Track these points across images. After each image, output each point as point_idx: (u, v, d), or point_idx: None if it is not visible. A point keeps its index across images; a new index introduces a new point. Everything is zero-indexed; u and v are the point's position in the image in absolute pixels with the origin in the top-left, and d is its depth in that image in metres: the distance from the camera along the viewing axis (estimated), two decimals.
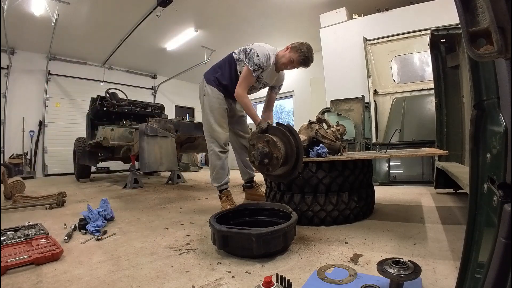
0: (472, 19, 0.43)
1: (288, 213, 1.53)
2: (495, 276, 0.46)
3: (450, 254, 1.25)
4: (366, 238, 1.52)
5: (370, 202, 2.07)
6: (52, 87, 7.24)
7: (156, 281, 1.10)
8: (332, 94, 4.93)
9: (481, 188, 0.59)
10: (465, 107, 2.57)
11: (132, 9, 5.26)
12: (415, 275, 0.83)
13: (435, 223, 1.77)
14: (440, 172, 2.56)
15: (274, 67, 2.21)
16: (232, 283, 1.05)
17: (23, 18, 5.26)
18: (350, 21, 5.05)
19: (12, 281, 1.10)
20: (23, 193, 3.09)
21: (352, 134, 4.23)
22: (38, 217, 2.27)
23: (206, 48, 7.07)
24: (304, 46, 2.09)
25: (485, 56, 0.42)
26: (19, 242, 1.50)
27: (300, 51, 2.07)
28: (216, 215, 1.53)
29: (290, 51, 2.11)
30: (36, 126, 6.98)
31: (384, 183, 3.70)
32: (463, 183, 1.49)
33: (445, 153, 1.82)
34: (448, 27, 2.45)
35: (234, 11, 5.63)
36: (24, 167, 6.54)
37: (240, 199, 2.87)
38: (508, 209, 0.45)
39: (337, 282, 1.00)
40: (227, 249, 1.35)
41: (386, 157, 2.29)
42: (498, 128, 0.52)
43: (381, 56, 4.49)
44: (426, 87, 3.92)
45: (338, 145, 2.05)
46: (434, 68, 2.78)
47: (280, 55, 2.17)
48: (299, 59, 2.08)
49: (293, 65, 2.13)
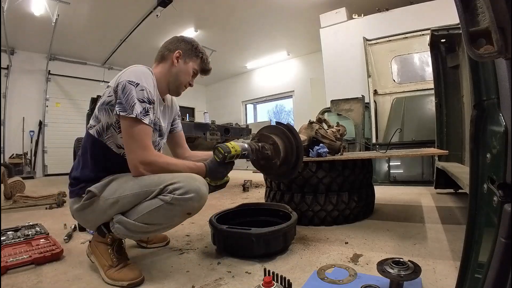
0: (472, 19, 0.43)
1: (288, 213, 1.53)
2: (495, 276, 0.46)
3: (450, 254, 1.25)
4: (366, 238, 1.52)
5: (370, 202, 2.07)
6: (52, 87, 7.23)
7: (156, 281, 1.10)
8: (332, 94, 4.93)
9: (481, 188, 0.59)
10: (465, 107, 2.57)
11: (132, 9, 5.26)
12: (415, 275, 0.83)
13: (435, 223, 1.77)
14: (440, 172, 2.56)
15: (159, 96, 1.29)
16: (232, 283, 1.05)
17: (23, 18, 5.25)
18: (350, 21, 5.04)
19: (12, 281, 1.10)
20: (23, 193, 3.09)
21: (352, 134, 4.22)
22: (38, 217, 2.27)
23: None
24: (195, 43, 1.35)
25: (485, 56, 0.42)
26: (19, 242, 1.50)
27: (199, 52, 1.34)
28: (216, 215, 1.53)
29: (181, 58, 1.29)
30: (36, 126, 6.98)
31: (384, 183, 3.70)
32: (463, 183, 1.48)
33: (445, 153, 1.82)
34: (448, 27, 2.44)
35: (234, 11, 5.63)
36: (24, 167, 6.53)
37: (240, 199, 2.87)
38: (508, 209, 0.45)
39: (337, 282, 1.00)
40: (227, 249, 1.35)
41: (386, 157, 2.29)
42: (498, 128, 0.52)
43: (381, 56, 4.48)
44: (426, 87, 3.92)
45: (338, 145, 2.05)
46: (434, 68, 2.78)
47: (165, 73, 1.30)
48: (202, 66, 1.37)
49: (194, 78, 1.37)
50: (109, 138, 1.17)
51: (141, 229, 1.06)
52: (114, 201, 1.08)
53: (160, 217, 1.06)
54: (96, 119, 1.18)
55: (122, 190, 1.08)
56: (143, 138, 1.10)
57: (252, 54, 8.02)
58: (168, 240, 1.56)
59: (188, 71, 1.31)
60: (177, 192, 1.03)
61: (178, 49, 1.29)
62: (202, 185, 1.08)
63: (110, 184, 1.12)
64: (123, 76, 1.13)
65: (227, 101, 10.02)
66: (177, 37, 1.35)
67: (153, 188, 1.05)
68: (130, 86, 1.09)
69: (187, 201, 1.03)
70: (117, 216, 1.07)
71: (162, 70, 1.30)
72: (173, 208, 1.04)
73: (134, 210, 1.07)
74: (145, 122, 1.10)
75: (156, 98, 1.21)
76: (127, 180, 1.11)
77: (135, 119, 1.07)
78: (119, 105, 1.08)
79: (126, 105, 1.07)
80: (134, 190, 1.07)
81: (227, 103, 9.99)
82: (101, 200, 1.09)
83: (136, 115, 1.07)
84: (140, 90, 1.10)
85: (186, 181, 1.06)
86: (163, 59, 1.31)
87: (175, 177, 1.07)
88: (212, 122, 3.70)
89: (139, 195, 1.06)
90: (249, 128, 4.29)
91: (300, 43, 7.23)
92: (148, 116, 1.11)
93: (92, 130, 1.18)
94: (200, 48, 1.34)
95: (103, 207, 1.09)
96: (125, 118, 1.08)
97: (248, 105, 9.85)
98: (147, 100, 1.11)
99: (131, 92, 1.08)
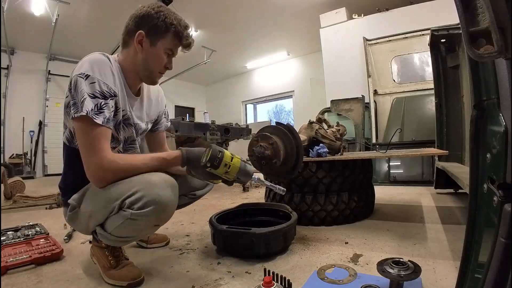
0: (472, 19, 0.43)
1: (288, 213, 1.53)
2: (495, 276, 0.46)
3: (450, 254, 1.25)
4: (366, 238, 1.52)
5: (370, 202, 2.07)
6: (52, 87, 7.24)
7: (156, 281, 1.10)
8: (332, 94, 4.93)
9: (481, 188, 0.59)
10: (465, 107, 2.57)
11: (132, 9, 5.18)
12: (415, 275, 0.83)
13: (435, 223, 1.77)
14: (440, 172, 2.56)
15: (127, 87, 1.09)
16: (232, 283, 1.05)
17: (23, 18, 5.26)
18: (350, 21, 5.05)
19: (12, 281, 1.10)
20: (23, 193, 3.09)
21: (352, 134, 4.22)
22: (38, 217, 2.27)
23: (206, 48, 7.06)
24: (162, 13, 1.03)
25: (485, 56, 0.42)
26: (19, 242, 1.50)
27: (169, 24, 1.03)
28: (216, 215, 1.53)
29: (146, 40, 1.03)
30: (36, 126, 6.98)
31: (384, 183, 3.70)
32: (463, 183, 1.48)
33: (445, 153, 1.82)
34: (448, 27, 2.44)
35: (234, 11, 5.63)
36: (24, 167, 6.53)
37: (240, 199, 2.87)
38: (508, 209, 0.45)
39: (337, 282, 1.00)
40: (227, 249, 1.35)
41: (386, 157, 2.29)
42: (498, 128, 0.52)
43: (381, 56, 4.49)
44: (426, 87, 3.92)
45: (338, 145, 2.05)
46: (434, 68, 2.77)
47: (130, 61, 1.07)
48: (179, 41, 1.08)
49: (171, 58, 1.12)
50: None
51: (119, 240, 1.01)
52: (89, 215, 1.02)
53: (129, 231, 0.98)
54: (64, 125, 1.07)
55: (92, 205, 1.01)
56: (96, 140, 0.91)
57: (252, 54, 8.03)
58: (168, 240, 1.56)
59: (159, 54, 1.05)
60: (135, 206, 0.90)
61: (140, 29, 1.02)
62: (163, 191, 0.91)
63: (84, 196, 1.04)
64: (75, 69, 0.96)
65: (227, 101, 10.03)
66: (135, 13, 1.05)
67: (113, 202, 0.93)
68: (80, 79, 0.91)
69: (148, 216, 0.91)
70: (97, 228, 1.03)
71: (126, 58, 1.07)
72: (137, 223, 0.92)
73: (107, 223, 0.99)
74: (97, 122, 0.91)
75: (119, 91, 1.02)
76: (95, 192, 1.00)
77: (85, 118, 0.90)
78: (73, 106, 0.91)
79: (78, 103, 0.90)
80: (100, 204, 0.97)
81: (227, 103, 10.00)
82: (80, 212, 1.04)
83: (87, 112, 0.89)
84: (90, 83, 0.92)
85: (143, 189, 0.90)
86: (126, 44, 1.07)
87: (133, 186, 0.92)
88: (212, 122, 3.70)
89: (105, 210, 0.96)
90: (249, 128, 4.29)
91: (300, 43, 7.24)
92: (102, 114, 0.92)
93: (63, 137, 1.08)
94: (169, 19, 1.03)
95: (84, 218, 1.05)
96: (75, 119, 0.91)
97: (248, 105, 9.85)
98: (99, 95, 0.92)
99: (80, 86, 0.91)
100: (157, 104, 1.29)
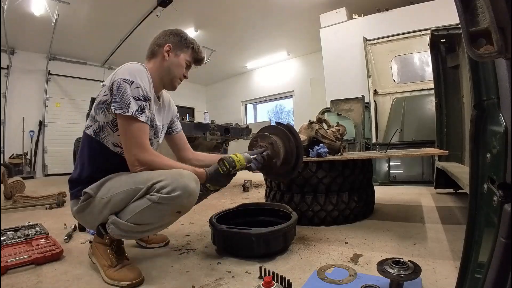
0: (472, 19, 0.43)
1: (288, 213, 1.53)
2: (495, 276, 0.46)
3: (450, 254, 1.25)
4: (366, 238, 1.52)
5: (370, 202, 2.07)
6: (52, 87, 7.23)
7: (156, 281, 1.10)
8: (332, 94, 4.93)
9: (481, 188, 0.59)
10: (465, 107, 2.57)
11: (132, 9, 5.26)
12: (415, 275, 0.83)
13: (435, 223, 1.77)
14: (440, 172, 2.56)
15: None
16: (232, 283, 1.05)
17: (23, 18, 5.26)
18: (350, 21, 5.04)
19: (12, 281, 1.10)
20: (23, 193, 3.09)
21: (352, 134, 4.22)
22: (38, 217, 2.27)
23: (206, 48, 7.06)
24: (184, 34, 1.33)
25: (485, 56, 0.42)
26: (19, 242, 1.50)
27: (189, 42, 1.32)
28: (216, 215, 1.53)
29: (172, 51, 1.28)
30: (36, 126, 6.98)
31: (384, 183, 3.70)
32: (463, 183, 1.49)
33: (445, 153, 1.82)
34: (448, 27, 2.44)
35: (234, 11, 5.63)
36: (24, 167, 6.53)
37: (240, 199, 2.87)
38: (508, 209, 0.45)
39: (337, 282, 1.00)
40: (227, 249, 1.35)
41: (386, 157, 2.29)
42: (498, 128, 0.52)
43: (381, 56, 4.48)
44: (426, 87, 3.92)
45: (338, 145, 2.05)
46: (434, 68, 2.78)
47: (157, 68, 1.28)
48: (195, 56, 1.36)
49: (188, 69, 1.37)
50: (106, 137, 1.17)
51: (133, 229, 1.05)
52: (107, 200, 1.08)
53: (150, 217, 1.04)
54: (93, 119, 1.17)
55: (115, 189, 1.08)
56: (139, 136, 1.10)
57: (252, 54, 8.02)
58: (168, 240, 1.56)
59: (181, 63, 1.30)
60: (164, 190, 1.01)
61: (168, 43, 1.28)
62: (190, 182, 1.04)
63: (104, 184, 1.12)
64: (118, 74, 1.13)
65: (227, 101, 10.02)
66: (165, 31, 1.33)
67: (141, 185, 1.04)
68: (125, 84, 1.09)
69: (174, 200, 1.01)
70: (111, 217, 1.07)
71: (153, 66, 1.28)
72: (162, 208, 1.02)
73: (126, 210, 1.06)
74: (141, 120, 1.10)
75: (152, 95, 1.20)
76: (120, 178, 1.12)
77: (131, 117, 1.07)
78: (114, 103, 1.08)
79: (121, 103, 1.07)
80: (125, 187, 1.07)
81: (227, 103, 9.99)
82: (96, 201, 1.10)
83: (132, 113, 1.07)
84: (135, 88, 1.09)
85: (172, 178, 1.03)
86: (154, 55, 1.30)
87: (162, 174, 1.05)
88: (212, 122, 3.70)
89: (129, 193, 1.05)
90: (249, 128, 4.29)
91: (300, 43, 7.23)
92: (144, 113, 1.11)
93: (89, 130, 1.18)
94: (189, 39, 1.33)
95: (99, 207, 1.09)
96: (121, 116, 1.08)
97: (248, 105, 9.85)
98: (142, 98, 1.11)
99: (126, 90, 1.08)
100: (169, 109, 1.47)
